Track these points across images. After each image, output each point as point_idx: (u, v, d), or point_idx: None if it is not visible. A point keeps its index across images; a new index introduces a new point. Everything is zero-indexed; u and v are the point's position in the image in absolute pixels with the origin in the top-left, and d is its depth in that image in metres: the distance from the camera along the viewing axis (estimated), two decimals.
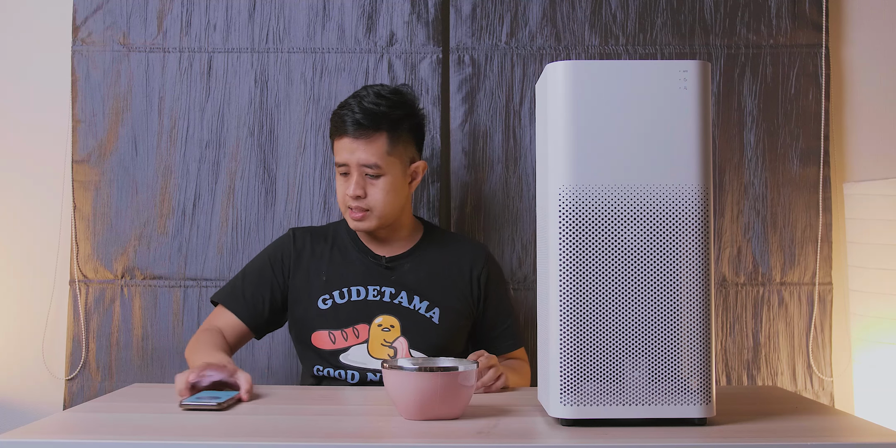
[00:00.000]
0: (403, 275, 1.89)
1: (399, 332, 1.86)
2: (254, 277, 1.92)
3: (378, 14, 2.23)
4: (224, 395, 1.50)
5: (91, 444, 1.23)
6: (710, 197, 1.32)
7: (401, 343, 1.86)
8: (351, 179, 1.83)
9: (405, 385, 1.35)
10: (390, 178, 1.84)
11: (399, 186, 1.86)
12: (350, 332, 1.86)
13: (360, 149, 1.82)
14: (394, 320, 1.86)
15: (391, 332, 1.86)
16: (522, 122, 2.22)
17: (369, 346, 1.85)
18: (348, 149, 1.83)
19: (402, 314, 1.87)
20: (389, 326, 1.86)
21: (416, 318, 1.87)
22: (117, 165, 2.21)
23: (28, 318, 2.22)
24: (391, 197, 1.84)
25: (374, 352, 1.85)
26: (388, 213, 1.85)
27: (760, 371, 2.19)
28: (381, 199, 1.83)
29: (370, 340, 1.85)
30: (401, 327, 1.86)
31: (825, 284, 2.20)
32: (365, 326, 1.86)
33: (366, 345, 1.85)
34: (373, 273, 1.89)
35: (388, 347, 1.85)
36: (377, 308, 1.87)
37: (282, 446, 1.24)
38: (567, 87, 1.32)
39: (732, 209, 2.21)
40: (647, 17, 2.22)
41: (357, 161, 1.82)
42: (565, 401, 1.30)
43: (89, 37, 2.22)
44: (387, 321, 1.86)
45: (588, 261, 1.30)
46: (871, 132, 2.25)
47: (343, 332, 1.86)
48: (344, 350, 1.85)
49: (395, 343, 1.86)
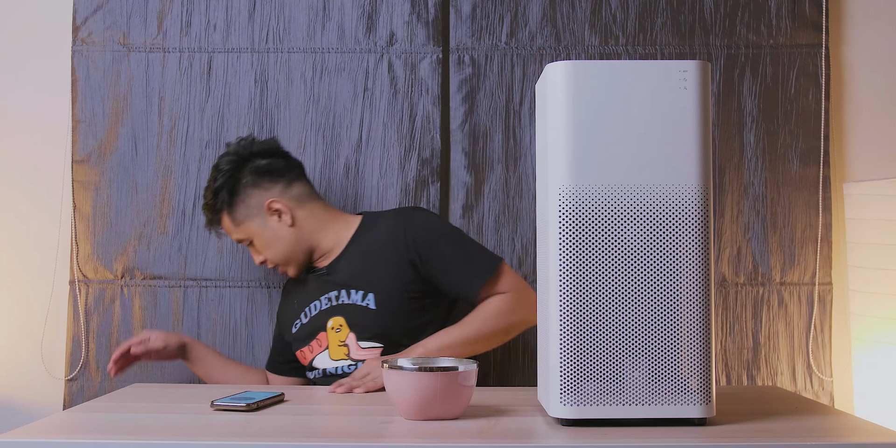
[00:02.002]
0: (339, 274, 1.93)
1: (348, 329, 1.88)
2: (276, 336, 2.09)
3: (378, 14, 2.23)
4: (259, 395, 1.50)
5: (91, 444, 1.23)
6: (710, 197, 1.32)
7: (350, 338, 1.87)
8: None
9: (405, 385, 1.35)
10: (259, 236, 1.95)
11: (273, 234, 1.95)
12: (315, 344, 1.92)
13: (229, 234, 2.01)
14: (341, 320, 1.89)
15: (342, 331, 1.89)
16: (522, 122, 2.22)
17: (330, 351, 1.90)
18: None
19: (345, 311, 1.89)
20: (339, 326, 1.89)
21: (356, 310, 1.88)
22: (117, 165, 2.21)
23: (28, 318, 2.22)
24: (276, 246, 1.95)
25: (332, 354, 1.89)
26: (286, 257, 1.96)
27: (760, 371, 2.19)
28: (270, 254, 1.96)
29: (329, 346, 1.90)
30: (347, 324, 1.88)
31: (825, 284, 2.20)
32: (323, 334, 1.91)
33: (327, 351, 1.90)
34: (321, 284, 1.95)
35: (343, 346, 1.87)
36: (329, 313, 1.91)
37: (282, 446, 1.24)
38: (567, 87, 1.32)
39: (732, 209, 2.21)
40: (647, 17, 2.22)
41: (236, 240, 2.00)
42: (565, 401, 1.30)
43: (89, 37, 2.22)
44: (336, 322, 1.90)
45: (588, 261, 1.30)
46: (871, 132, 2.25)
47: (310, 346, 1.93)
48: (312, 360, 1.93)
49: (346, 341, 1.87)
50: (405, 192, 2.21)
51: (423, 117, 2.22)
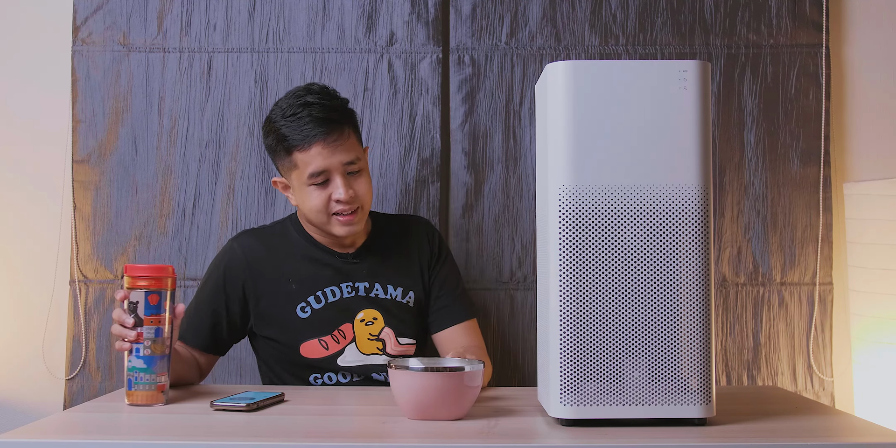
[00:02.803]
0: (372, 266, 1.86)
1: (383, 323, 1.84)
2: (207, 307, 1.83)
3: (378, 14, 2.23)
4: (259, 395, 1.50)
5: (91, 444, 1.23)
6: (710, 197, 1.32)
7: (387, 334, 1.84)
8: (334, 184, 1.75)
9: (411, 385, 1.35)
10: (366, 169, 1.81)
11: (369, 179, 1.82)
12: (338, 335, 1.83)
13: (338, 149, 1.74)
14: (375, 313, 1.84)
15: (375, 324, 1.84)
16: (522, 122, 2.22)
17: (357, 343, 1.84)
18: (324, 154, 1.73)
19: (381, 306, 1.85)
20: (372, 320, 1.84)
21: (397, 306, 1.86)
22: (117, 165, 2.21)
23: (28, 317, 2.22)
24: (371, 189, 1.81)
25: (362, 348, 1.84)
26: (370, 205, 1.82)
27: (760, 371, 2.19)
28: (366, 192, 1.78)
29: (357, 338, 1.84)
30: (383, 318, 1.85)
31: (825, 284, 2.20)
32: (348, 325, 1.83)
33: (354, 343, 1.84)
34: (343, 270, 1.85)
35: (376, 340, 1.84)
36: (356, 304, 1.84)
37: (282, 446, 1.24)
38: (567, 87, 1.32)
39: (732, 209, 2.21)
40: (647, 17, 2.22)
41: (339, 162, 1.74)
42: (565, 401, 1.29)
43: (89, 37, 2.22)
44: (368, 315, 1.84)
45: (588, 261, 1.30)
46: (871, 132, 2.25)
47: (333, 336, 1.83)
48: (339, 353, 1.83)
49: (381, 335, 1.84)
50: (405, 192, 2.21)
51: (423, 117, 2.22)
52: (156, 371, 1.47)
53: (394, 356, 1.84)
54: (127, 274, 1.49)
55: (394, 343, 1.85)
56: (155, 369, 1.47)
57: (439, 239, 1.95)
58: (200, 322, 1.83)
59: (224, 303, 1.83)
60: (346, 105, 1.81)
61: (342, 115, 1.77)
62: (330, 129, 1.74)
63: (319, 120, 1.73)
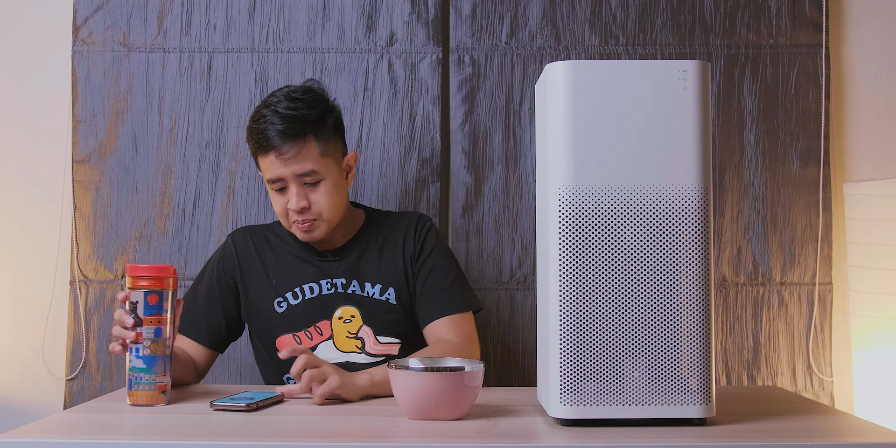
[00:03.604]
0: (351, 264, 1.85)
1: (361, 322, 1.83)
2: (204, 299, 1.86)
3: (378, 14, 2.23)
4: (259, 395, 1.50)
5: (91, 444, 1.23)
6: (709, 197, 1.32)
7: (365, 332, 1.83)
8: (290, 192, 1.75)
9: (411, 385, 1.35)
10: (329, 180, 1.77)
11: (339, 186, 1.79)
12: (313, 331, 1.83)
13: (292, 159, 1.73)
14: (353, 310, 1.83)
15: (353, 322, 1.83)
16: (522, 122, 2.22)
17: (335, 340, 1.83)
18: (279, 163, 1.73)
19: (359, 303, 1.83)
20: (350, 317, 1.83)
21: (374, 304, 1.83)
22: (117, 165, 2.21)
23: (28, 317, 2.22)
24: (335, 199, 1.78)
25: (340, 346, 1.83)
26: (335, 216, 1.79)
27: (760, 371, 2.19)
28: (325, 203, 1.76)
29: (334, 335, 1.83)
30: (361, 316, 1.83)
31: (825, 284, 2.20)
32: (326, 322, 1.83)
33: (331, 340, 1.83)
34: (321, 267, 1.85)
35: (354, 338, 1.83)
36: (334, 301, 1.83)
37: (282, 446, 1.24)
38: (567, 87, 1.32)
39: (732, 209, 2.21)
40: (647, 17, 2.22)
41: (292, 173, 1.73)
42: (565, 401, 1.30)
43: (89, 37, 2.22)
44: (346, 312, 1.83)
45: (588, 261, 1.30)
46: (871, 132, 2.25)
47: (307, 332, 1.83)
48: (312, 349, 1.82)
49: (359, 333, 1.83)
50: (405, 192, 2.21)
51: (423, 117, 2.22)
52: (156, 371, 1.47)
53: (373, 355, 1.83)
54: (128, 274, 1.49)
55: (373, 342, 1.83)
56: (155, 369, 1.47)
57: (427, 232, 1.88)
58: (197, 314, 1.85)
59: (219, 294, 1.86)
60: (314, 114, 1.75)
61: (303, 125, 1.74)
62: (284, 141, 1.72)
63: (277, 131, 1.73)
